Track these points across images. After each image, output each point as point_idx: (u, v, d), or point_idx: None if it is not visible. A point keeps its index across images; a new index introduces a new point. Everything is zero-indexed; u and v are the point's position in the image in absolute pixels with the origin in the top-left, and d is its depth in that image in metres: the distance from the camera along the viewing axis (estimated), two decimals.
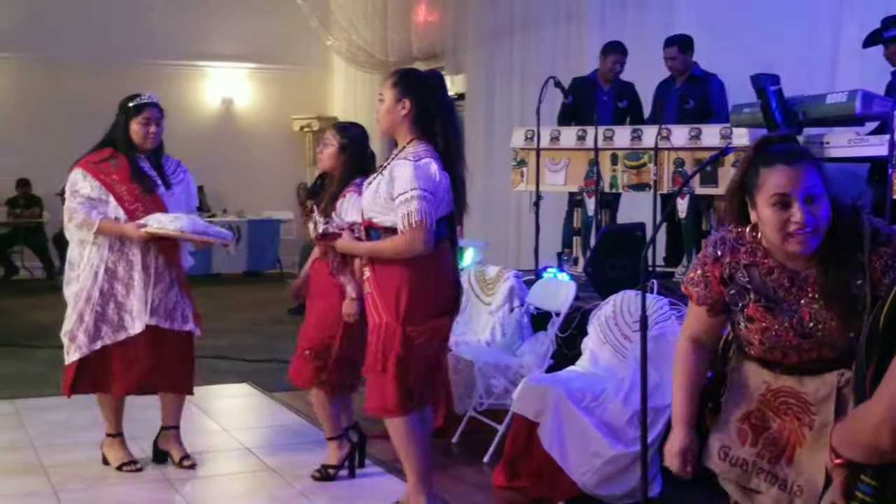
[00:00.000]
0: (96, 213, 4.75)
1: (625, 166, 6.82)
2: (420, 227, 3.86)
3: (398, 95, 4.00)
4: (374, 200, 3.98)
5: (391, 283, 3.97)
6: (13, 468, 5.19)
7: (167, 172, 4.95)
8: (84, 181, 4.78)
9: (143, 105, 4.83)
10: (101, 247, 4.80)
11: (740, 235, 2.70)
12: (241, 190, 15.05)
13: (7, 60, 13.86)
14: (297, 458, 5.31)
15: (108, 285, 4.79)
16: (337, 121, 15.36)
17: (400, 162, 3.94)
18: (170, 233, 4.71)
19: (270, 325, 10.10)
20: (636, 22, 9.48)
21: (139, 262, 4.80)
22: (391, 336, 3.97)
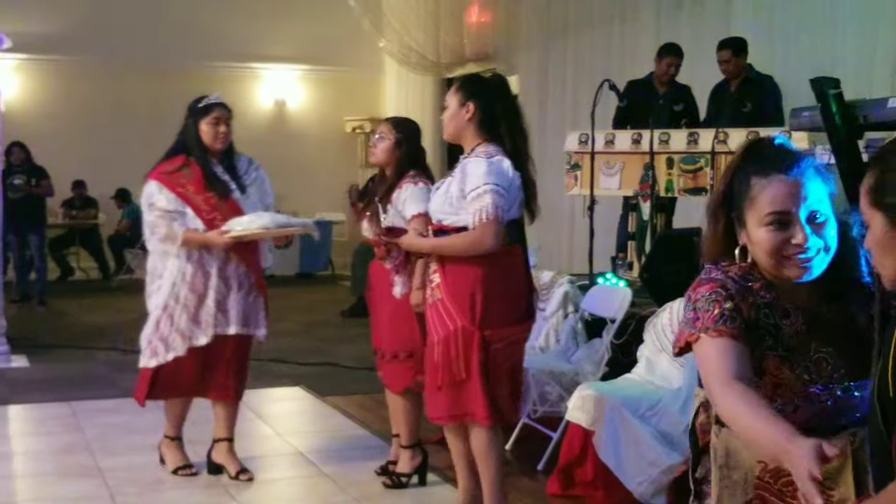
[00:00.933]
0: (178, 225, 4.71)
1: (681, 170, 6.74)
2: (492, 223, 3.79)
3: (461, 100, 3.97)
4: (445, 201, 3.92)
5: (464, 286, 3.88)
6: (70, 471, 5.23)
7: (240, 174, 4.89)
8: (160, 194, 4.73)
9: (212, 105, 4.79)
10: (180, 258, 4.76)
11: (744, 269, 2.17)
12: (294, 191, 15.07)
13: (64, 63, 14.02)
14: (351, 463, 5.30)
15: (183, 295, 4.76)
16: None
17: (472, 159, 3.89)
18: (255, 232, 4.67)
19: (323, 328, 10.14)
20: (692, 22, 9.38)
21: (216, 272, 4.76)
22: (469, 341, 3.86)
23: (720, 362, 2.09)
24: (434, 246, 3.97)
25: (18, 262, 11.70)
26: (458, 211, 3.87)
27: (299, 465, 5.42)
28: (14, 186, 11.09)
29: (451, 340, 3.89)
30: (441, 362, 3.92)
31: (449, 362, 3.90)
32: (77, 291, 12.71)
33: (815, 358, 2.18)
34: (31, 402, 6.81)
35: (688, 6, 9.50)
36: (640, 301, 5.67)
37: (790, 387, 2.17)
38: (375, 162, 4.84)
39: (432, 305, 3.98)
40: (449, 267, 3.91)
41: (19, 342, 8.55)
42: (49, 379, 7.51)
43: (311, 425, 6.42)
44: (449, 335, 3.90)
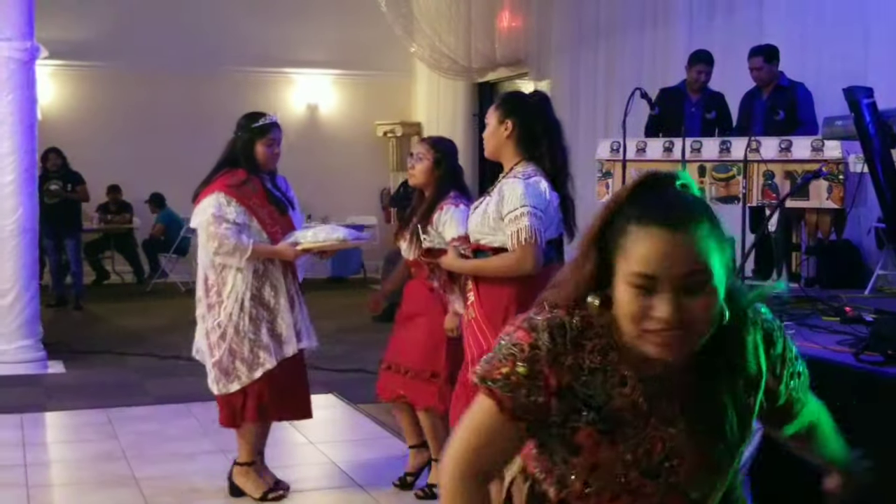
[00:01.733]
0: (246, 238, 4.65)
1: (713, 178, 6.74)
2: (530, 245, 3.78)
3: (501, 117, 3.96)
4: (483, 222, 3.92)
5: (499, 306, 3.86)
6: (106, 479, 5.29)
7: (283, 192, 4.92)
8: (229, 206, 4.68)
9: (269, 126, 4.78)
10: (245, 273, 4.68)
11: (587, 322, 1.77)
12: (326, 195, 15.16)
13: (99, 69, 14.17)
14: (383, 473, 5.32)
15: (256, 311, 4.69)
16: (419, 126, 15.49)
17: (509, 180, 3.88)
18: (333, 244, 4.75)
19: (355, 333, 10.18)
20: (724, 28, 9.36)
21: (283, 287, 4.75)
22: None
23: (477, 439, 1.80)
24: (474, 267, 3.97)
25: (55, 267, 11.85)
26: (496, 232, 3.87)
27: (333, 475, 5.45)
28: (50, 192, 11.24)
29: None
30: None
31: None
32: (112, 295, 12.84)
33: (650, 436, 1.77)
34: (68, 409, 6.89)
35: (720, 13, 9.48)
36: None
37: (609, 470, 1.78)
38: (415, 183, 4.83)
39: (468, 324, 3.98)
40: (483, 287, 3.91)
41: (56, 347, 8.66)
42: (84, 385, 7.60)
43: (343, 434, 6.45)
44: (481, 354, 3.89)
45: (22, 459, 5.63)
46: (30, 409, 6.80)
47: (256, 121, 4.78)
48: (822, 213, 6.68)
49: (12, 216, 7.98)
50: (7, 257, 8.01)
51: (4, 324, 8.03)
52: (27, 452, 5.77)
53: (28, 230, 8.08)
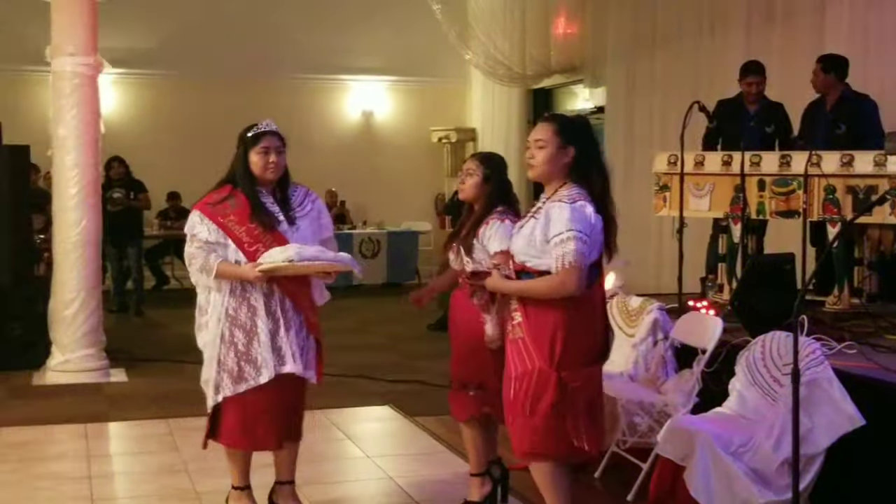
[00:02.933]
0: (215, 257, 4.49)
1: (772, 192, 6.66)
2: (574, 269, 3.84)
3: (562, 143, 3.99)
4: (529, 244, 3.97)
5: (545, 328, 3.94)
6: (169, 493, 5.38)
7: (293, 206, 4.63)
8: (201, 224, 4.53)
9: (261, 134, 4.54)
10: (222, 292, 4.54)
11: None
12: (381, 202, 15.28)
13: (159, 78, 14.39)
14: (440, 489, 5.35)
15: (228, 332, 4.52)
16: (474, 132, 15.51)
17: (555, 204, 3.93)
18: (279, 265, 4.36)
19: (411, 342, 10.21)
20: (784, 34, 9.26)
21: (262, 308, 4.50)
22: (544, 382, 3.93)
23: None
24: (518, 289, 4.02)
25: (116, 274, 12.03)
26: (541, 255, 3.92)
27: (388, 490, 5.47)
28: (113, 200, 11.42)
29: (526, 379, 3.98)
30: (513, 398, 4.02)
31: (521, 399, 3.99)
32: (171, 301, 12.96)
33: None
34: (130, 419, 7.00)
35: (779, 19, 9.38)
36: (731, 327, 5.62)
37: None
38: (465, 198, 4.86)
39: (513, 341, 4.05)
40: (531, 308, 3.97)
41: (117, 354, 8.80)
42: (146, 394, 7.72)
43: (399, 447, 6.48)
44: (525, 373, 3.98)
45: (87, 471, 5.74)
46: (94, 418, 6.92)
47: (249, 131, 4.58)
48: (884, 229, 6.59)
49: (76, 228, 8.13)
50: (71, 268, 8.15)
51: (68, 333, 8.17)
52: (91, 464, 5.88)
53: (91, 242, 8.22)
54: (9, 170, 8.60)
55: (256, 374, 4.49)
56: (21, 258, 8.73)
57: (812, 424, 4.42)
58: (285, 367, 4.51)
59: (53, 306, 8.26)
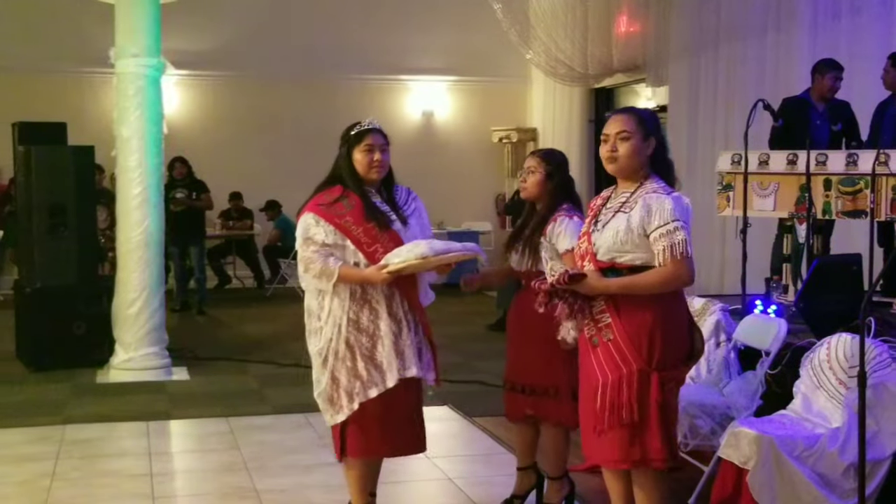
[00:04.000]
0: (334, 261, 4.29)
1: (839, 192, 6.54)
2: (685, 259, 3.75)
3: (645, 135, 3.92)
4: (624, 239, 3.83)
5: (643, 328, 3.81)
6: (229, 491, 5.41)
7: (400, 205, 4.47)
8: (317, 226, 4.32)
9: (364, 132, 4.39)
10: (341, 296, 4.33)
11: None
12: (441, 202, 15.21)
13: (221, 79, 14.52)
14: (499, 490, 5.29)
15: (353, 337, 4.32)
16: (535, 132, 15.44)
17: (653, 196, 3.83)
18: (412, 264, 4.16)
19: (471, 342, 10.18)
20: (851, 31, 9.08)
21: (384, 310, 4.32)
22: (645, 383, 3.80)
23: None
24: (622, 286, 3.84)
25: (179, 273, 12.17)
26: (637, 248, 3.81)
27: (448, 491, 5.46)
28: (176, 200, 11.55)
29: (622, 384, 3.83)
30: (610, 405, 3.85)
31: (620, 405, 3.83)
32: (233, 300, 13.12)
33: None
34: (191, 418, 7.06)
35: (845, 15, 9.20)
36: (796, 328, 5.53)
37: None
38: (527, 196, 4.77)
39: (602, 346, 3.89)
40: (625, 307, 3.83)
41: (179, 353, 8.90)
42: (207, 393, 7.78)
43: (459, 448, 6.45)
44: (621, 378, 3.83)
45: (148, 469, 5.79)
46: (156, 416, 6.99)
47: (352, 129, 4.44)
48: None
49: (139, 228, 8.22)
50: (134, 267, 8.24)
51: (131, 332, 8.27)
52: (153, 462, 5.93)
53: (154, 241, 8.31)
54: (74, 170, 8.72)
55: (382, 379, 4.31)
56: (86, 258, 8.84)
57: (878, 428, 4.33)
58: (409, 371, 4.34)
59: (117, 305, 8.36)
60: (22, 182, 9.11)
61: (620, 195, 3.98)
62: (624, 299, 3.84)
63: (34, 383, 8.04)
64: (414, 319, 4.40)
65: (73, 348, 8.52)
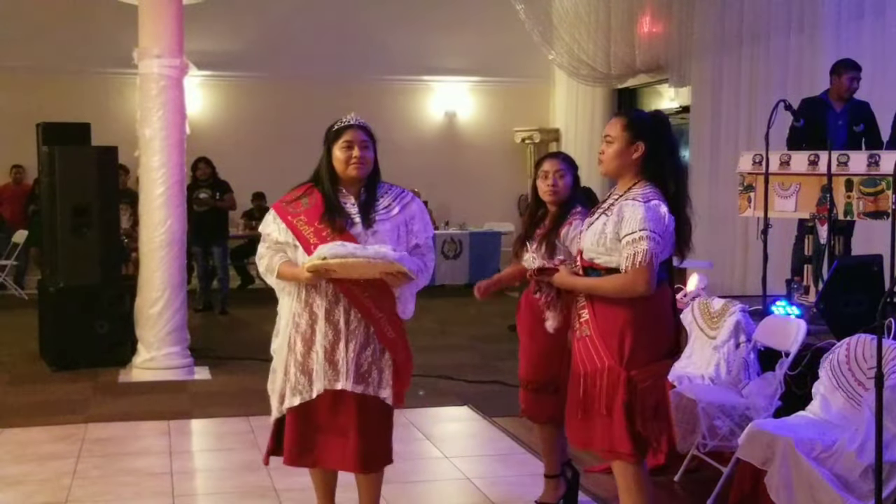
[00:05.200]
0: (279, 258, 4.20)
1: (860, 193, 6.49)
2: (644, 269, 3.79)
3: (631, 139, 3.93)
4: (598, 241, 3.92)
5: (614, 326, 3.90)
6: (248, 490, 5.43)
7: (377, 208, 4.22)
8: (273, 223, 4.25)
9: (343, 128, 4.20)
10: (292, 296, 4.23)
11: None
12: (463, 202, 15.29)
13: (244, 80, 14.59)
14: (518, 491, 5.32)
15: (292, 340, 4.22)
16: (558, 133, 15.42)
17: (629, 203, 3.87)
18: (315, 262, 3.95)
19: (491, 343, 10.18)
20: (874, 32, 9.04)
21: (323, 316, 4.14)
22: (615, 381, 3.89)
23: None
24: (586, 286, 3.97)
25: (202, 273, 12.22)
26: (611, 252, 3.87)
27: (466, 491, 5.46)
28: (199, 200, 11.60)
29: (596, 377, 3.93)
30: (584, 396, 3.97)
31: (592, 398, 3.94)
32: (256, 300, 13.12)
33: None
34: (212, 417, 7.10)
35: (868, 15, 9.15)
36: (816, 330, 5.51)
37: None
38: (558, 200, 4.76)
39: (581, 340, 4.00)
40: (599, 306, 3.93)
41: (202, 353, 8.94)
42: (228, 392, 7.82)
43: (478, 448, 6.46)
44: (595, 371, 3.94)
45: (168, 467, 5.83)
46: (177, 415, 7.03)
47: (333, 126, 4.26)
48: None
49: (161, 227, 8.27)
50: (156, 267, 8.30)
51: (153, 331, 8.32)
52: (173, 460, 5.97)
53: (176, 241, 8.36)
54: (97, 170, 8.77)
55: (309, 387, 4.16)
56: (109, 258, 8.90)
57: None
58: (338, 384, 4.13)
59: (139, 304, 8.41)
60: (46, 182, 9.18)
61: (611, 197, 4.04)
62: (600, 299, 3.94)
63: (57, 382, 8.10)
64: (364, 331, 4.16)
65: (96, 347, 8.58)
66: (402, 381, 4.29)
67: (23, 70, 13.61)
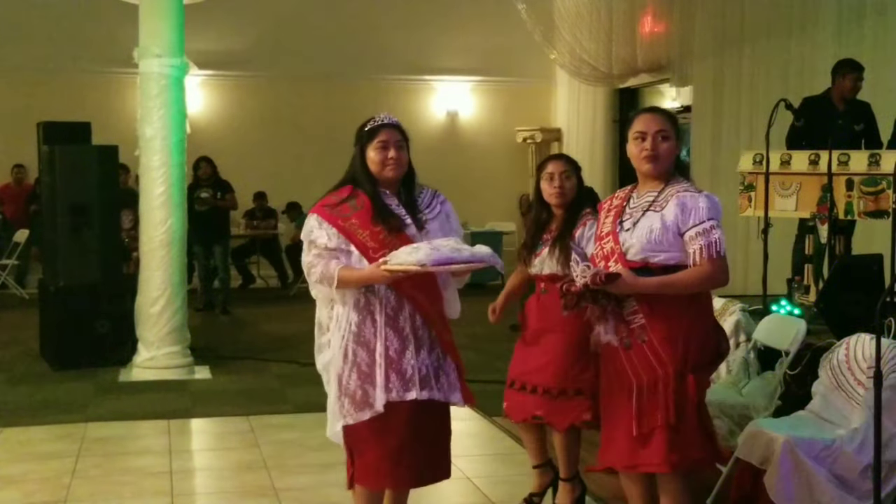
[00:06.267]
0: (336, 264, 3.90)
1: (861, 192, 6.49)
2: (723, 259, 3.76)
3: (677, 135, 3.96)
4: (659, 238, 3.81)
5: (677, 330, 3.80)
6: (248, 489, 5.43)
7: (421, 208, 4.06)
8: (320, 229, 3.95)
9: (378, 127, 4.01)
10: (347, 305, 3.97)
11: None
12: (465, 202, 15.17)
13: (246, 79, 14.61)
14: (518, 490, 5.29)
15: (352, 352, 3.95)
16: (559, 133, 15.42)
17: (686, 195, 3.82)
18: (410, 268, 3.71)
19: (493, 342, 10.12)
20: (875, 33, 9.04)
21: (383, 320, 3.93)
22: (682, 385, 3.79)
23: None
24: (659, 285, 3.80)
25: (203, 272, 12.23)
26: (671, 248, 3.80)
27: (466, 491, 5.46)
28: (201, 200, 11.59)
29: (658, 385, 3.81)
30: (648, 409, 3.83)
31: (654, 408, 3.81)
32: (257, 300, 13.16)
33: None
34: (212, 416, 7.10)
35: (870, 16, 9.15)
36: (817, 329, 5.51)
37: None
38: (564, 202, 4.70)
39: (634, 348, 3.86)
40: (658, 308, 3.80)
41: (202, 352, 8.94)
42: (229, 391, 7.82)
43: (478, 448, 6.46)
44: (657, 380, 3.82)
45: (168, 466, 5.83)
46: (177, 415, 7.04)
47: (366, 125, 4.07)
48: None
49: (162, 227, 8.27)
50: (156, 266, 8.30)
51: (153, 331, 8.32)
52: (173, 460, 5.97)
53: (177, 241, 8.36)
54: (98, 170, 8.77)
55: (376, 399, 3.89)
56: (109, 257, 8.90)
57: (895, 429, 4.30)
58: (410, 394, 3.91)
59: (140, 304, 8.42)
60: (46, 181, 9.19)
61: (646, 194, 3.96)
62: (657, 300, 3.81)
63: (57, 381, 8.10)
64: (428, 336, 3.99)
65: (96, 347, 8.59)
66: (464, 381, 4.19)
67: (24, 69, 13.63)
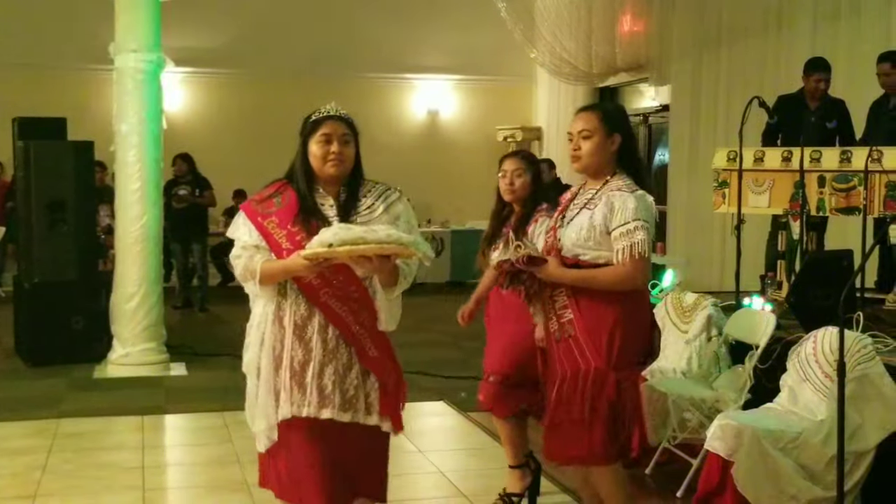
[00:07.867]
0: (259, 257, 3.53)
1: (833, 189, 6.53)
2: (643, 260, 3.75)
3: (608, 131, 3.91)
4: (586, 236, 3.83)
5: (602, 325, 3.81)
6: (219, 484, 5.44)
7: (359, 208, 3.61)
8: (244, 226, 3.62)
9: (322, 119, 3.61)
10: (264, 308, 3.62)
11: None
12: (445, 200, 15.30)
13: (225, 76, 14.58)
14: (491, 483, 5.31)
15: (263, 357, 3.61)
16: (540, 131, 15.44)
17: (616, 194, 3.83)
18: (319, 250, 3.30)
19: (471, 339, 10.08)
20: (849, 32, 9.10)
21: (291, 329, 3.56)
22: (601, 382, 3.80)
23: None
24: (579, 278, 3.84)
25: (181, 270, 12.19)
26: (599, 246, 3.81)
27: (439, 484, 5.48)
28: (179, 197, 11.56)
29: (578, 379, 3.83)
30: (565, 400, 3.86)
31: (571, 402, 3.84)
32: (236, 297, 12.93)
33: None
34: (187, 412, 7.09)
35: (844, 15, 9.21)
36: (788, 324, 5.54)
37: None
38: (515, 199, 4.80)
39: (563, 341, 3.89)
40: (585, 303, 3.83)
41: (179, 349, 8.92)
42: (204, 388, 7.80)
43: (452, 443, 6.48)
44: (577, 373, 3.83)
45: (140, 461, 5.83)
46: (151, 411, 7.02)
47: (310, 117, 3.68)
48: None
49: (137, 223, 8.25)
50: (132, 262, 8.28)
51: (129, 327, 8.30)
52: (145, 455, 5.97)
53: (152, 237, 8.34)
54: (73, 165, 8.74)
55: (276, 411, 3.57)
56: (84, 253, 8.87)
57: (862, 421, 4.33)
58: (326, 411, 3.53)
59: (115, 300, 8.39)
60: (21, 177, 9.15)
61: (587, 192, 3.98)
62: (586, 296, 3.83)
63: (32, 378, 8.08)
64: (345, 350, 3.56)
65: (72, 343, 8.56)
66: (394, 404, 3.64)
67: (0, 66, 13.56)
